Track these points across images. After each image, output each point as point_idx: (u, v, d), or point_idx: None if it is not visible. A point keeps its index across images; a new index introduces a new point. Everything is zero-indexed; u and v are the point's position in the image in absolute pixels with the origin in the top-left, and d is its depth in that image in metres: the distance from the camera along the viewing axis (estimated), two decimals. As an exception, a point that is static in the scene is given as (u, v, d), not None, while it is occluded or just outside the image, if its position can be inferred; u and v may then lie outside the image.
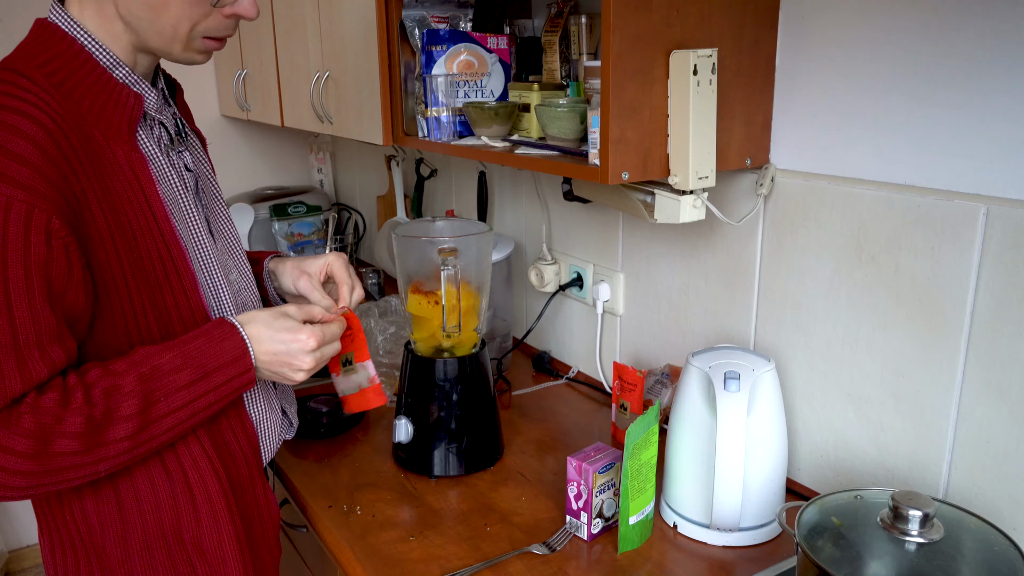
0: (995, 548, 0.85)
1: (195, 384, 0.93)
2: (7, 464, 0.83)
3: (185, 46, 0.96)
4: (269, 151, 2.93)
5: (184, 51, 0.97)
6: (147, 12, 0.92)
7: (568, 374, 1.76)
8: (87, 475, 0.89)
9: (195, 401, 0.93)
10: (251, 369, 0.97)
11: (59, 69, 0.90)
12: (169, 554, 1.00)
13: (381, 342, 1.65)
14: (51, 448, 0.84)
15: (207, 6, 0.94)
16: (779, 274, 1.25)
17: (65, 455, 0.85)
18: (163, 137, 1.01)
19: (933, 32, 1.00)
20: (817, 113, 1.16)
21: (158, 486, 0.99)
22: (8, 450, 0.82)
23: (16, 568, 2.78)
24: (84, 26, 0.92)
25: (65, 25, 0.92)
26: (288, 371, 1.00)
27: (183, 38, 0.95)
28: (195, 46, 0.97)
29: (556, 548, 1.13)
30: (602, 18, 1.02)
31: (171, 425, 0.93)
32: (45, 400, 0.84)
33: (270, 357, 0.98)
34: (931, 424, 1.07)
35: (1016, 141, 0.94)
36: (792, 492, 1.26)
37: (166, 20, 0.93)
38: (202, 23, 0.95)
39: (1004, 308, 0.97)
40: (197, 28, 0.95)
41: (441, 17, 1.49)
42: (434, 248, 1.30)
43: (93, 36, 0.93)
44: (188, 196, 1.02)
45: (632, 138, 1.07)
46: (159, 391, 0.91)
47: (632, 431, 1.07)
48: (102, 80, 0.92)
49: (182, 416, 0.93)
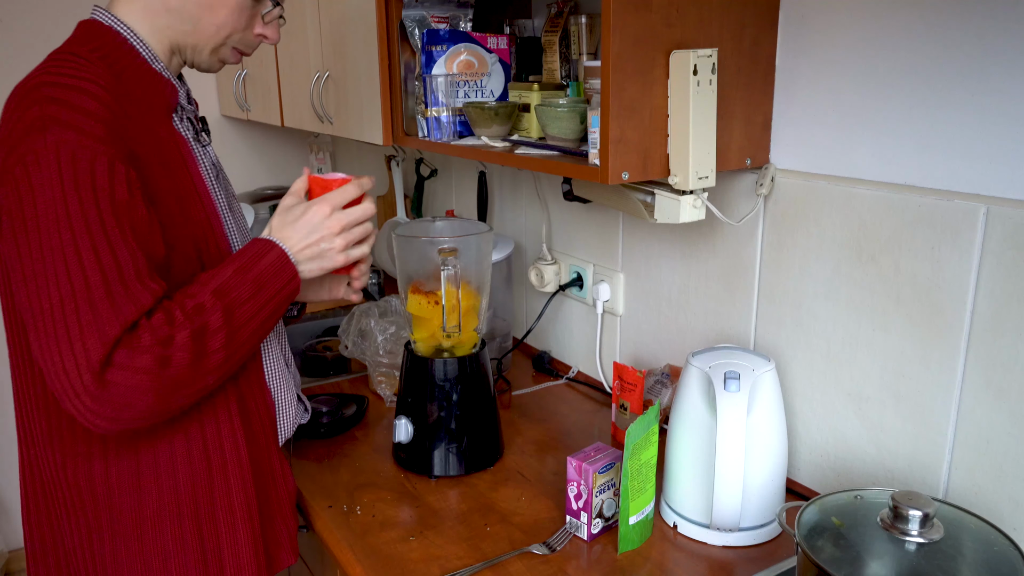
0: (995, 548, 0.85)
1: (256, 296, 0.97)
2: (137, 383, 0.87)
3: (215, 50, 1.07)
4: (269, 151, 2.93)
5: (211, 54, 1.08)
6: (198, 10, 1.02)
7: (568, 374, 1.76)
8: (199, 390, 0.94)
9: (261, 311, 0.98)
10: (295, 274, 1.01)
11: (108, 54, 0.98)
12: (179, 523, 1.04)
13: (381, 342, 1.65)
14: (170, 362, 0.89)
15: (247, 18, 1.06)
16: (779, 274, 1.25)
17: (181, 368, 0.90)
18: (190, 130, 1.09)
19: (933, 32, 1.00)
20: (817, 113, 1.16)
21: (177, 453, 1.03)
22: (136, 369, 0.87)
23: (16, 568, 2.78)
24: (127, 23, 1.01)
25: (108, 21, 1.01)
26: (326, 247, 1.03)
27: (218, 42, 1.06)
28: (222, 53, 1.09)
29: (556, 548, 1.13)
30: (602, 18, 1.02)
31: (249, 335, 0.97)
32: (155, 320, 0.89)
33: (305, 247, 1.02)
34: (931, 424, 1.07)
35: (1016, 141, 0.94)
36: (792, 492, 1.26)
37: (212, 20, 1.03)
38: (237, 34, 1.07)
39: (1004, 308, 0.97)
40: (232, 37, 1.07)
41: (441, 17, 1.49)
42: (434, 248, 1.30)
43: (135, 32, 1.01)
44: (215, 185, 1.11)
45: (632, 138, 1.07)
46: (232, 303, 0.95)
47: (632, 431, 1.07)
48: (143, 68, 1.01)
49: (255, 326, 0.98)
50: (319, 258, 1.03)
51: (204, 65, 1.09)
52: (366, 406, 1.57)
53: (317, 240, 1.02)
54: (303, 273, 1.02)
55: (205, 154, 1.11)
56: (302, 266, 1.02)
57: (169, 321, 0.90)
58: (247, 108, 2.42)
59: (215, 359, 0.93)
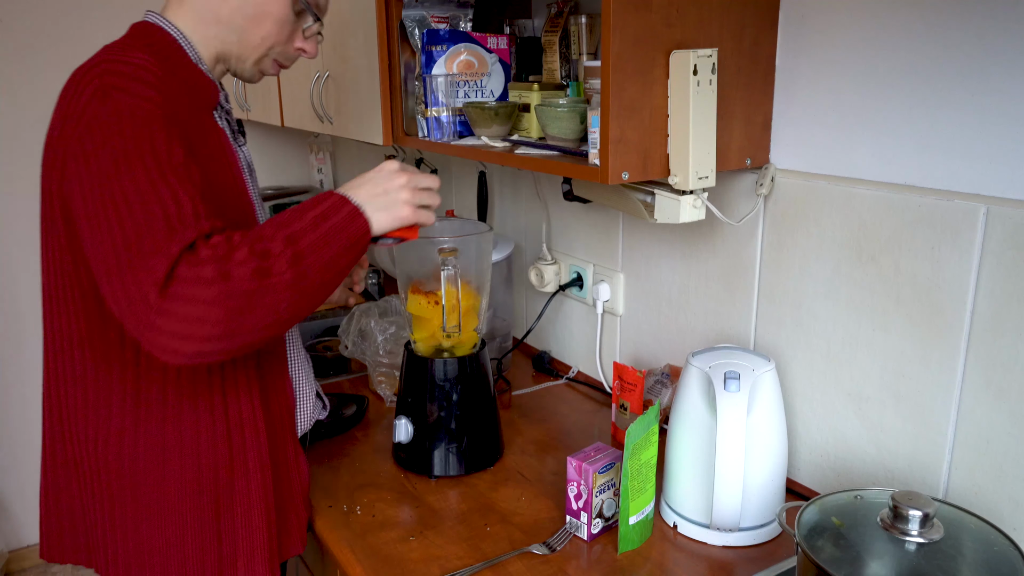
0: (995, 548, 0.85)
1: (318, 225, 0.95)
2: (201, 293, 0.86)
3: (257, 61, 1.13)
4: (269, 151, 2.94)
5: (254, 65, 1.14)
6: (245, 22, 1.08)
7: (568, 374, 1.76)
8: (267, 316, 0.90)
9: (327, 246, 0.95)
10: (358, 209, 0.99)
11: (160, 50, 1.04)
12: (199, 500, 1.07)
13: (381, 342, 1.65)
14: (231, 275, 0.87)
15: (289, 33, 1.12)
16: (779, 274, 1.25)
17: (244, 281, 0.88)
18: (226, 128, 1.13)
19: (933, 32, 1.00)
20: (817, 113, 1.16)
21: (202, 432, 1.06)
22: (198, 279, 0.86)
23: (16, 568, 2.78)
24: (178, 27, 1.07)
25: (159, 22, 1.07)
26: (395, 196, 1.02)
27: (261, 53, 1.12)
28: (264, 64, 1.15)
29: (556, 548, 1.13)
30: (602, 18, 1.02)
31: (315, 266, 0.94)
32: (213, 239, 0.90)
33: (373, 197, 1.01)
34: (931, 424, 1.07)
35: (1016, 141, 0.94)
36: (792, 492, 1.26)
37: (257, 32, 1.10)
38: (279, 47, 1.13)
39: (1004, 308, 0.97)
40: (274, 49, 1.13)
41: (441, 17, 1.49)
42: (434, 248, 1.30)
43: (185, 36, 1.07)
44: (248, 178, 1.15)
45: (632, 138, 1.07)
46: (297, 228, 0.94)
47: (632, 431, 1.07)
48: (190, 67, 1.07)
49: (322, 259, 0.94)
50: (388, 208, 1.01)
51: (246, 74, 1.15)
52: (366, 406, 1.57)
53: (384, 191, 1.02)
54: (373, 221, 1.00)
55: (241, 153, 1.15)
56: (371, 214, 1.00)
57: (228, 240, 0.90)
58: (247, 108, 2.42)
59: (281, 280, 0.91)
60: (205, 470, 1.07)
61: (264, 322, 0.91)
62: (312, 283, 0.95)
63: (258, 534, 1.11)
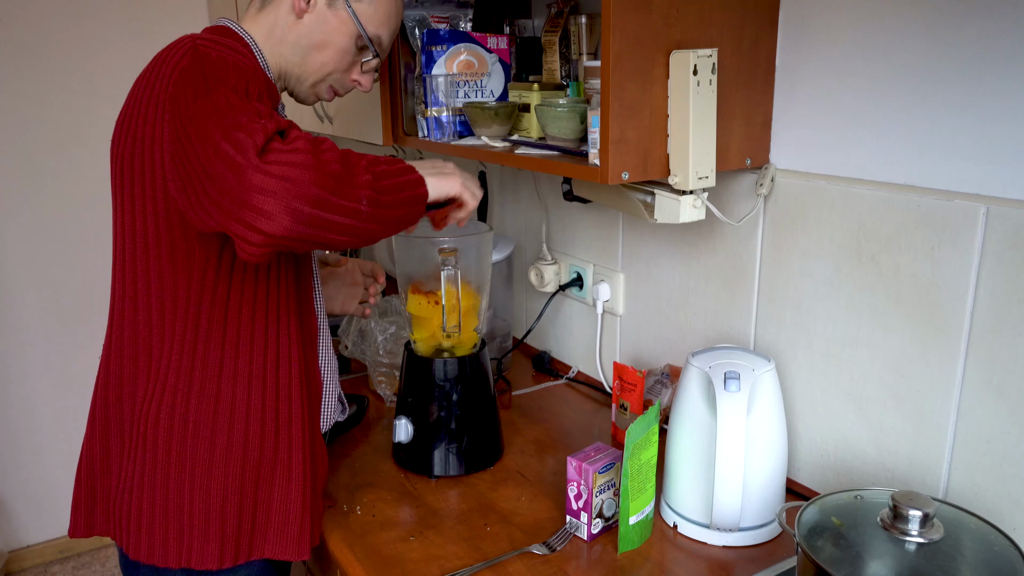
0: (995, 548, 0.85)
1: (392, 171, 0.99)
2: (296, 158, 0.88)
3: (314, 85, 1.19)
4: (269, 151, 2.93)
5: (311, 88, 1.20)
6: (308, 47, 1.15)
7: (568, 374, 1.76)
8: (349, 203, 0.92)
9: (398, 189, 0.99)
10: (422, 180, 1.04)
11: (236, 47, 1.08)
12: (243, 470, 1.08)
13: (381, 342, 1.65)
14: (322, 158, 0.90)
15: (348, 64, 1.18)
16: (779, 274, 1.25)
17: (333, 163, 0.91)
18: None
19: (933, 32, 1.00)
20: (817, 113, 1.16)
21: (253, 403, 1.08)
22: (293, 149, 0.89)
23: (16, 568, 2.78)
24: (253, 37, 1.13)
25: (238, 30, 1.13)
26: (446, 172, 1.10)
27: (319, 78, 1.18)
28: (320, 89, 1.20)
29: (556, 548, 1.13)
30: (602, 18, 1.02)
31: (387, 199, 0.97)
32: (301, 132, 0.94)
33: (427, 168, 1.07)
34: (931, 424, 1.07)
35: (1016, 141, 0.94)
36: (792, 492, 1.26)
37: (318, 58, 1.16)
38: (337, 74, 1.19)
39: (1004, 308, 0.97)
40: (331, 76, 1.19)
41: (441, 17, 1.49)
42: (434, 248, 1.30)
43: (258, 45, 1.13)
44: None
45: (632, 138, 1.07)
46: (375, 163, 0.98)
47: (632, 431, 1.07)
48: (260, 69, 1.08)
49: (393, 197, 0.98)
50: (440, 176, 1.07)
51: (301, 96, 1.21)
52: (366, 406, 1.57)
53: (439, 169, 1.08)
54: (429, 184, 1.05)
55: None
56: (428, 177, 1.05)
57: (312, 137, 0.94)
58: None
59: (362, 187, 0.93)
60: (252, 442, 1.08)
61: (343, 210, 0.92)
62: (381, 210, 0.97)
63: (294, 509, 1.11)
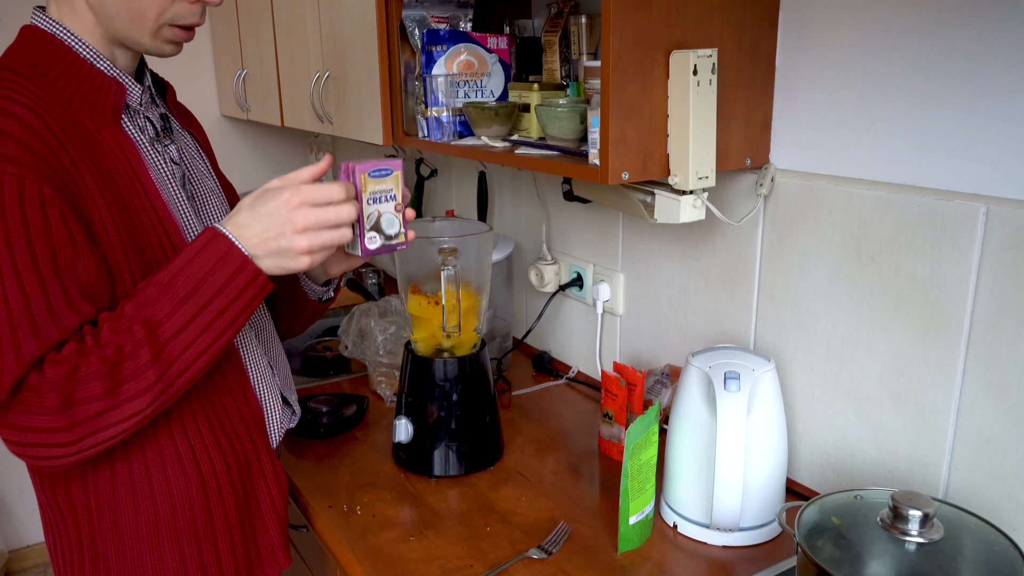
0: (995, 548, 0.85)
1: (192, 296, 0.87)
2: (44, 424, 0.84)
3: (153, 34, 0.98)
4: (269, 151, 2.94)
5: (152, 39, 0.98)
6: (115, 2, 0.95)
7: (568, 374, 1.76)
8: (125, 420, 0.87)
9: (200, 315, 0.87)
10: (248, 261, 0.89)
11: (41, 62, 0.94)
12: (157, 539, 1.01)
13: (381, 342, 1.65)
14: (78, 395, 0.84)
15: None
16: (779, 274, 1.25)
17: (94, 400, 0.85)
18: (147, 130, 1.03)
19: (933, 32, 1.00)
20: (817, 113, 1.16)
21: (151, 467, 1.00)
22: (41, 408, 0.84)
23: (16, 568, 2.78)
24: (63, 23, 0.96)
25: (45, 25, 0.97)
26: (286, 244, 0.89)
27: (151, 26, 0.97)
28: (163, 35, 0.99)
29: (552, 552, 1.13)
30: (602, 18, 1.02)
31: (186, 346, 0.87)
32: (64, 352, 0.86)
33: (261, 238, 0.89)
34: (931, 424, 1.07)
35: (1016, 141, 0.94)
36: (792, 492, 1.26)
37: (133, 8, 0.95)
38: (169, 10, 0.97)
39: (1004, 308, 0.97)
40: (164, 15, 0.97)
41: (441, 17, 1.49)
42: (434, 248, 1.30)
43: (72, 32, 0.96)
44: (175, 186, 1.04)
45: (632, 138, 1.07)
46: (159, 312, 0.87)
47: (632, 431, 1.07)
48: (84, 70, 0.96)
49: (194, 334, 0.88)
50: (279, 255, 0.90)
51: (154, 51, 1.00)
52: (366, 406, 1.57)
53: (277, 235, 0.89)
54: (267, 270, 0.91)
55: (162, 154, 1.03)
56: (261, 261, 0.90)
57: (78, 350, 0.85)
58: (247, 108, 2.42)
59: (139, 383, 0.86)
60: (161, 507, 1.01)
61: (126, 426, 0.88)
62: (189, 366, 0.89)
63: (227, 564, 1.07)
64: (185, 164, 1.09)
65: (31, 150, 0.86)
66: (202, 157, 1.16)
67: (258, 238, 0.89)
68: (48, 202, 0.85)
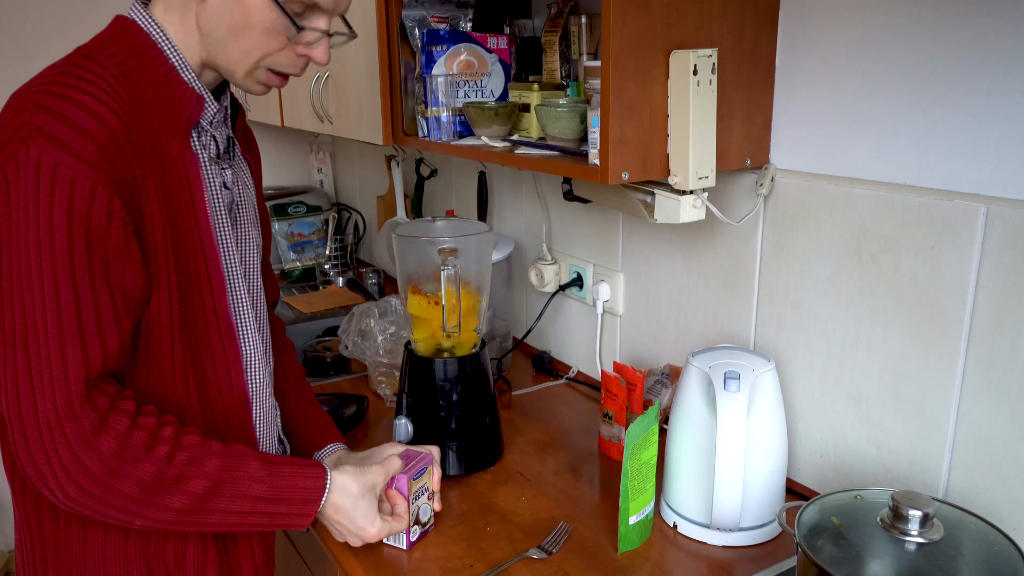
0: (995, 548, 0.85)
1: (262, 500, 0.97)
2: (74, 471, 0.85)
3: (248, 73, 0.97)
4: (269, 151, 2.94)
5: (245, 77, 0.98)
6: (226, 32, 0.93)
7: (568, 374, 1.76)
8: (120, 520, 0.91)
9: (251, 514, 0.96)
10: (311, 516, 1.02)
11: (129, 59, 0.92)
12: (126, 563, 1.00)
13: (381, 342, 1.65)
14: (115, 482, 0.87)
15: (283, 40, 0.95)
16: (779, 274, 1.25)
17: (122, 494, 0.88)
18: (210, 147, 1.01)
19: (933, 32, 1.00)
20: (817, 113, 1.16)
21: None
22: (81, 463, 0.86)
23: (16, 568, 2.78)
24: (163, 28, 0.94)
25: (143, 22, 0.94)
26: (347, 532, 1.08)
27: (249, 66, 0.96)
28: (258, 76, 0.98)
29: (552, 552, 1.13)
30: (602, 18, 1.02)
31: (217, 522, 0.95)
32: (134, 438, 0.88)
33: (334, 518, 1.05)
34: (931, 424, 1.07)
35: (1016, 141, 0.94)
36: (792, 492, 1.26)
37: (241, 44, 0.94)
38: (273, 56, 0.96)
39: (1004, 308, 0.97)
40: (266, 60, 0.96)
41: (441, 17, 1.49)
42: (434, 248, 1.30)
43: (169, 37, 0.95)
44: (223, 212, 1.03)
45: (632, 138, 1.07)
46: (231, 488, 0.94)
47: (632, 431, 1.07)
48: (168, 76, 0.94)
49: (231, 520, 0.96)
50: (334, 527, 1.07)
51: (242, 86, 1.00)
52: (366, 406, 1.57)
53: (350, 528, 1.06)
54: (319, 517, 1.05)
55: (218, 176, 1.02)
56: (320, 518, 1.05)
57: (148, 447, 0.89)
58: (247, 108, 2.42)
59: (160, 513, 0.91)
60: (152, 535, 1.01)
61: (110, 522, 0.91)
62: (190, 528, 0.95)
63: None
64: (236, 190, 1.07)
65: (108, 156, 0.86)
66: (251, 187, 1.13)
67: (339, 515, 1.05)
68: (115, 212, 0.86)
